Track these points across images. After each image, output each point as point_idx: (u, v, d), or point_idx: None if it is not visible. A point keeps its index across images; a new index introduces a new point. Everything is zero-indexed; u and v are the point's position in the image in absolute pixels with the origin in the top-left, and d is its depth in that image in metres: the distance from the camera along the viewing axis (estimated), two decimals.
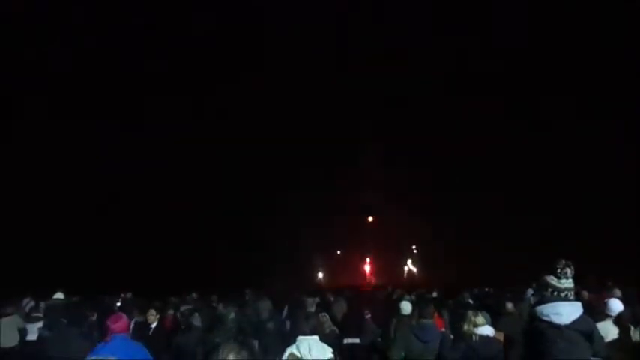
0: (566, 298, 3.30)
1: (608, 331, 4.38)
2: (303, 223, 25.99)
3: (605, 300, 5.04)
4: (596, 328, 3.37)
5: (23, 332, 7.47)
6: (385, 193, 32.23)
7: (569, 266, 3.39)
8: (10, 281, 11.77)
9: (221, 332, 5.26)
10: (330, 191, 29.31)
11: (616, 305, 4.78)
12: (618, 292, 7.04)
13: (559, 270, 3.37)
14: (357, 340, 7.25)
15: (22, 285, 10.55)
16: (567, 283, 3.35)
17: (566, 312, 3.22)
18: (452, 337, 4.95)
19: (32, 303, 8.42)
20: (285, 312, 8.39)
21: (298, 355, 3.76)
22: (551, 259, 3.53)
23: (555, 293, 3.32)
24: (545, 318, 3.22)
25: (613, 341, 4.25)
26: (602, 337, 3.50)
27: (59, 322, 5.16)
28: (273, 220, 25.94)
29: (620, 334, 4.51)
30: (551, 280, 3.36)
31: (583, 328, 3.22)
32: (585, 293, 7.78)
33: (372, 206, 34.74)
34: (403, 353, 4.77)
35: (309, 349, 3.77)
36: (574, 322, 3.19)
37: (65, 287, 8.61)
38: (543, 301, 3.33)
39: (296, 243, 26.11)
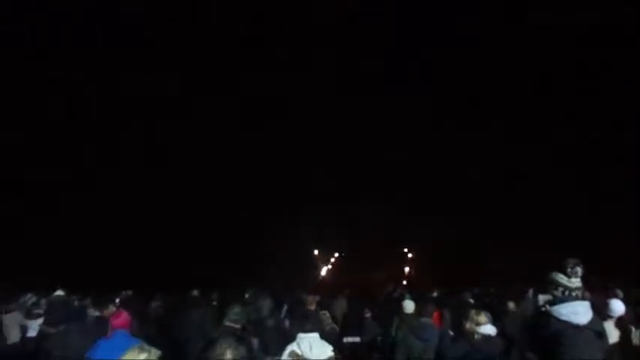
0: (577, 298, 3.25)
1: (610, 332, 4.31)
2: (305, 222, 25.94)
3: (607, 301, 5.00)
4: (604, 328, 3.34)
5: (24, 329, 7.47)
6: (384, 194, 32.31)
7: (578, 265, 3.30)
8: (11, 277, 11.79)
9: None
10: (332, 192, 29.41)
11: (618, 306, 4.71)
12: (620, 294, 6.99)
13: (569, 269, 3.28)
14: (358, 339, 7.25)
15: (24, 281, 10.57)
16: (577, 282, 3.27)
17: (583, 312, 3.17)
18: (452, 334, 4.96)
19: (34, 299, 8.41)
20: (284, 310, 8.38)
21: (299, 352, 3.76)
22: (551, 258, 3.49)
23: (567, 293, 3.24)
24: (563, 318, 3.14)
25: (614, 343, 4.22)
26: (607, 337, 3.47)
27: (60, 318, 5.15)
28: (275, 219, 25.92)
29: (621, 336, 4.48)
30: (562, 279, 3.27)
31: (597, 328, 3.19)
32: (587, 294, 7.70)
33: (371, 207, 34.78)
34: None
35: (310, 347, 3.76)
36: (590, 322, 3.15)
37: (66, 284, 8.61)
38: (557, 301, 3.26)
39: (298, 241, 26.06)
